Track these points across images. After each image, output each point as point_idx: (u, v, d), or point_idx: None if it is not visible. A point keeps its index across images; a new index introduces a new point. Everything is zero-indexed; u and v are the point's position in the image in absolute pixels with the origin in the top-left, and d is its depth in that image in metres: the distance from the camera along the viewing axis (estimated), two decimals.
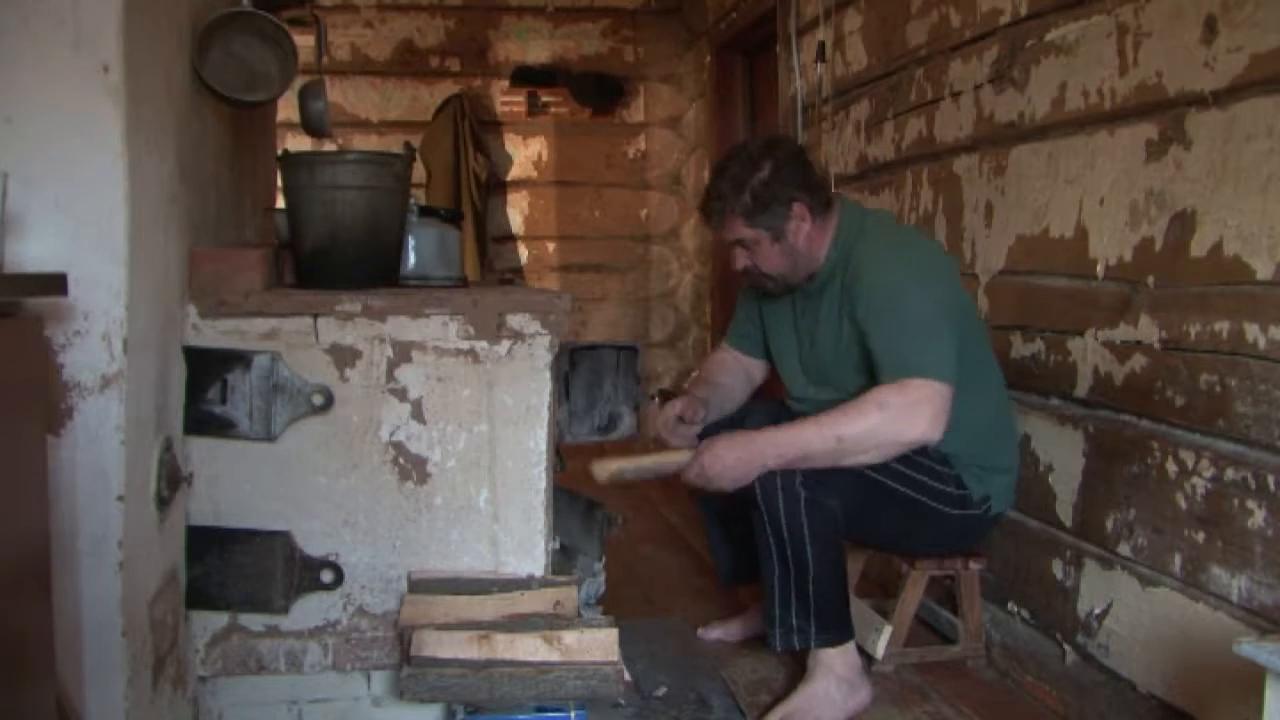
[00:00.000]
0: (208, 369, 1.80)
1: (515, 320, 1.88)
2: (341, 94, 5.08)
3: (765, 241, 2.18)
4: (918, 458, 2.12)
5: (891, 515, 2.15)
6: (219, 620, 1.85)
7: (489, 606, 1.82)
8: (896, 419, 2.00)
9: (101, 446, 1.45)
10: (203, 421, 1.81)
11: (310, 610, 1.87)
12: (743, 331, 2.55)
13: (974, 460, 2.18)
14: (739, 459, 2.08)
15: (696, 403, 2.39)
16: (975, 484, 2.18)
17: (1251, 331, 1.72)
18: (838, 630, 2.09)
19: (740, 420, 2.35)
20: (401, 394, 1.86)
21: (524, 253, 5.41)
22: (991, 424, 2.23)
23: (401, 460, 1.87)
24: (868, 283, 2.11)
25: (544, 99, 5.29)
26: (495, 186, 5.29)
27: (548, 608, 1.84)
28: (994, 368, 2.27)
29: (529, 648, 1.71)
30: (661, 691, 2.21)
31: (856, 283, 2.14)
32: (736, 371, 2.55)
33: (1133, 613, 2.00)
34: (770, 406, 2.42)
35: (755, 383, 2.59)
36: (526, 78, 5.27)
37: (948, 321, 2.08)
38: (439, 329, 1.86)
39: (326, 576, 1.86)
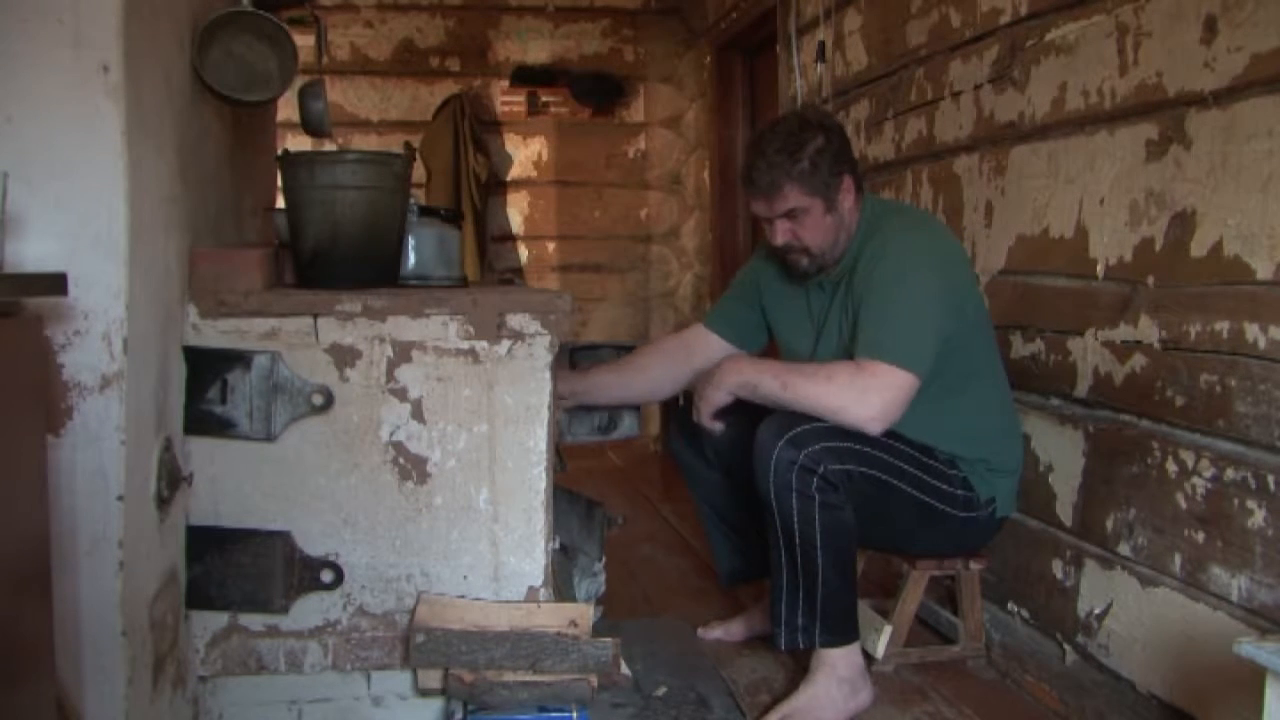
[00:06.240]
0: (208, 369, 1.80)
1: (515, 320, 1.88)
2: (341, 94, 5.08)
3: (817, 210, 2.12)
4: (926, 459, 2.12)
5: (898, 518, 2.14)
6: (219, 620, 1.85)
7: (504, 615, 1.82)
8: (841, 395, 2.00)
9: (101, 446, 1.45)
10: (203, 421, 1.81)
11: (310, 610, 1.87)
12: (730, 316, 2.47)
13: (981, 461, 2.18)
14: (715, 374, 2.19)
15: (574, 381, 2.41)
16: (982, 485, 2.17)
17: (1251, 331, 1.72)
18: (843, 632, 2.09)
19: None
20: (401, 394, 1.86)
21: (524, 253, 5.40)
22: (998, 424, 2.22)
23: (401, 460, 1.87)
24: (873, 267, 2.10)
25: (544, 99, 5.29)
26: (495, 186, 5.29)
27: (563, 623, 1.85)
28: (1000, 369, 2.26)
29: None
30: (661, 691, 2.20)
31: (865, 267, 2.12)
32: (672, 361, 2.48)
33: (1133, 613, 2.00)
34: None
35: (699, 373, 2.45)
36: (526, 78, 5.27)
37: (937, 314, 2.05)
38: (439, 329, 1.86)
39: (326, 576, 1.86)
